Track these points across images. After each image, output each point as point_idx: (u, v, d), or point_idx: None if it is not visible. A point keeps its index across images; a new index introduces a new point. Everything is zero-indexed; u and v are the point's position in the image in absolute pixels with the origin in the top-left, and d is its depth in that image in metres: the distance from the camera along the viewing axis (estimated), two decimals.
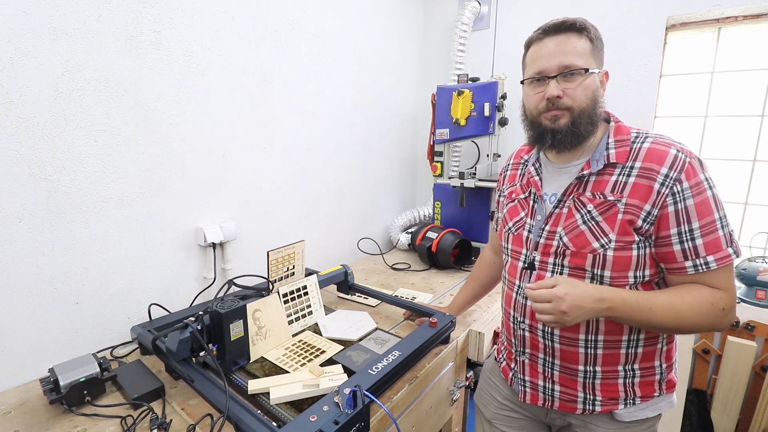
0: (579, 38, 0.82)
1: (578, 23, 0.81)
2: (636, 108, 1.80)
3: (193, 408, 0.89)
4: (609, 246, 0.79)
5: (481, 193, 1.92)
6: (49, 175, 0.99)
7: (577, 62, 0.80)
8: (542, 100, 0.83)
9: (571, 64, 0.80)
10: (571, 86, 0.81)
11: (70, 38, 0.98)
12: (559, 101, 0.81)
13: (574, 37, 0.82)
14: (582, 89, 0.81)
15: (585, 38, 0.82)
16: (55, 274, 1.03)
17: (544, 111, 0.84)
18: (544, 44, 0.84)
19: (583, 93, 0.81)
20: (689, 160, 0.76)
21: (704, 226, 0.75)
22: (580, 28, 0.82)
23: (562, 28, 0.82)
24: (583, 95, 0.81)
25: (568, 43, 0.81)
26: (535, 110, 0.86)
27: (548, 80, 0.82)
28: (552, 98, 0.81)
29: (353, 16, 1.86)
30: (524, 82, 0.89)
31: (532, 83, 0.86)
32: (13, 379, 0.98)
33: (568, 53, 0.81)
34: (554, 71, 0.81)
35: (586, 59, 0.81)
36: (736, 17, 1.64)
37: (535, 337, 0.91)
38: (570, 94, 0.81)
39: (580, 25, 0.82)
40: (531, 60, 0.87)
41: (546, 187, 0.92)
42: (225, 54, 1.33)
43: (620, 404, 0.86)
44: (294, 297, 1.23)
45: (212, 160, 1.35)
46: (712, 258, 0.75)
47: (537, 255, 0.90)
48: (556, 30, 0.82)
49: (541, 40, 0.84)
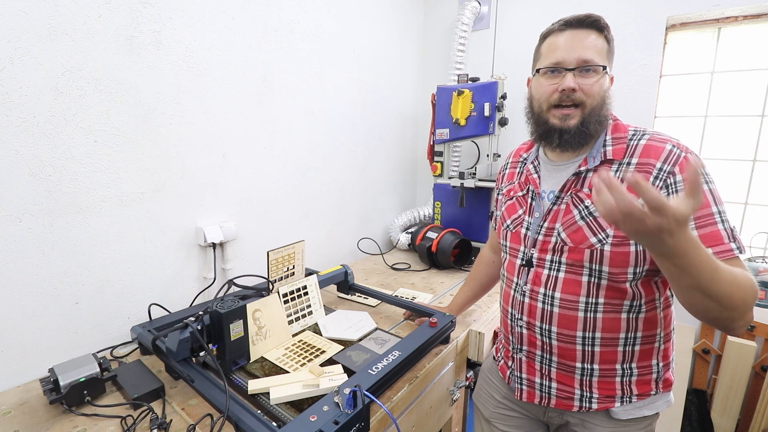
0: (599, 36, 0.82)
1: (602, 21, 0.82)
2: (636, 108, 1.80)
3: (193, 408, 0.89)
4: (606, 241, 0.79)
5: (481, 193, 1.92)
6: (49, 175, 0.99)
7: (596, 59, 0.80)
8: (555, 92, 0.83)
9: (591, 59, 0.80)
10: (587, 82, 0.81)
11: (70, 38, 0.98)
12: (574, 94, 0.81)
13: (595, 34, 0.82)
14: (597, 87, 0.81)
15: (604, 38, 0.82)
16: (55, 274, 1.03)
17: (555, 104, 0.83)
18: (563, 36, 0.83)
19: (597, 91, 0.81)
20: (684, 154, 0.76)
21: (700, 218, 0.73)
22: (603, 26, 0.82)
23: (586, 23, 0.82)
24: (597, 93, 0.81)
25: (589, 39, 0.81)
26: (545, 102, 0.85)
27: (565, 72, 0.81)
28: (567, 90, 0.81)
29: (353, 16, 1.86)
30: (539, 72, 0.87)
31: (546, 74, 0.85)
32: (13, 379, 0.98)
33: (588, 48, 0.80)
34: (573, 64, 0.81)
35: (603, 58, 0.81)
36: (736, 17, 1.64)
37: (532, 335, 0.91)
38: (585, 89, 0.81)
39: (604, 23, 0.82)
40: (548, 50, 0.85)
41: (544, 184, 0.93)
42: (225, 54, 1.33)
43: (617, 402, 0.86)
44: (294, 297, 1.23)
45: (212, 160, 1.35)
46: (710, 251, 0.68)
47: (535, 252, 0.90)
48: (579, 24, 0.82)
49: (562, 32, 0.83)
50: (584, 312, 0.84)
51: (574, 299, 0.84)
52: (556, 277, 0.86)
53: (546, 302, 0.87)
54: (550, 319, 0.87)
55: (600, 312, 0.83)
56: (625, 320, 0.83)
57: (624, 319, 0.83)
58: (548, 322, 0.87)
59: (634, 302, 0.82)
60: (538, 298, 0.89)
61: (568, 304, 0.85)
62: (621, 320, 0.83)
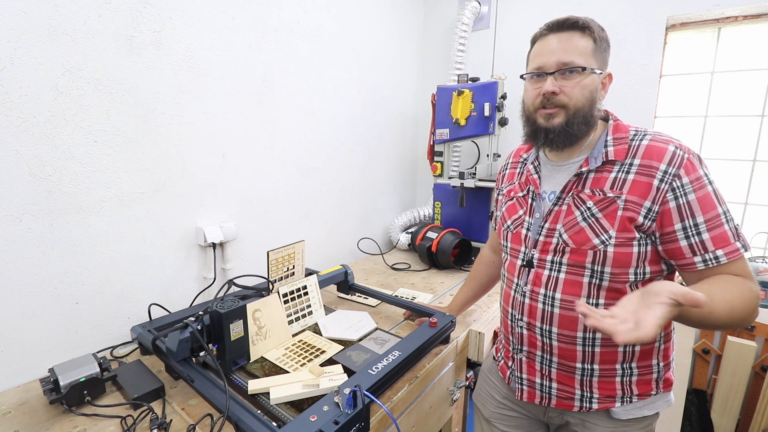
0: (582, 37, 0.82)
1: (581, 22, 0.82)
2: (636, 108, 1.80)
3: (193, 408, 0.89)
4: (609, 242, 0.79)
5: (481, 193, 1.92)
6: (49, 175, 0.99)
7: (576, 60, 0.80)
8: (538, 96, 0.84)
9: (570, 61, 0.80)
10: (568, 84, 0.81)
11: (70, 38, 0.98)
12: (555, 98, 0.82)
13: (577, 36, 0.82)
14: (579, 88, 0.81)
15: (588, 37, 0.82)
16: (55, 274, 1.03)
17: (540, 107, 0.84)
18: (546, 40, 0.84)
19: (580, 92, 0.81)
20: (687, 156, 0.76)
21: (709, 221, 0.75)
22: (584, 26, 0.82)
23: (566, 26, 0.82)
24: (579, 94, 0.81)
25: (570, 41, 0.81)
26: (531, 106, 0.87)
27: (546, 76, 0.82)
28: (547, 94, 0.82)
29: (353, 16, 1.86)
30: (524, 78, 0.89)
31: (531, 78, 0.87)
32: (13, 379, 0.98)
33: (569, 51, 0.81)
34: (552, 68, 0.82)
35: (587, 58, 0.81)
36: (736, 17, 1.64)
37: (533, 335, 0.91)
38: (566, 91, 0.81)
39: (583, 23, 0.82)
40: (533, 56, 0.87)
41: (544, 185, 0.93)
42: (225, 54, 1.33)
43: (617, 402, 0.87)
44: (294, 297, 1.23)
45: (212, 160, 1.35)
46: (721, 252, 0.74)
47: (535, 252, 0.90)
48: (559, 27, 0.83)
49: (545, 36, 0.85)
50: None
51: (574, 300, 0.84)
52: (557, 278, 0.86)
53: (547, 303, 0.87)
54: (551, 319, 0.87)
55: None
56: None
57: None
58: (549, 322, 0.87)
59: None
60: (538, 299, 0.89)
61: (568, 304, 0.85)
62: None
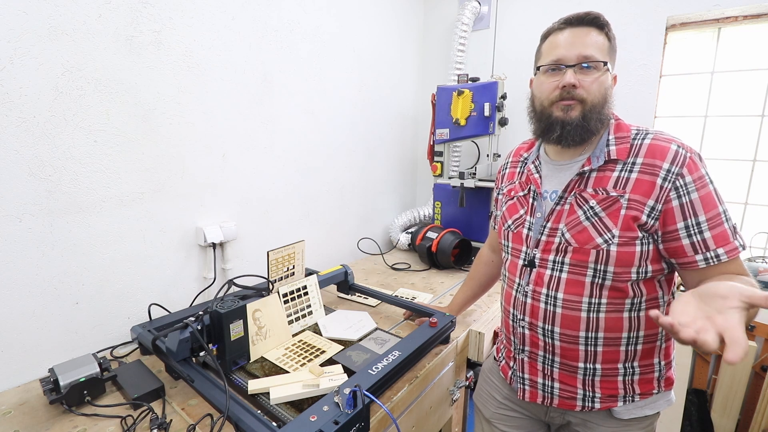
0: (599, 34, 0.82)
1: (602, 18, 0.82)
2: (636, 108, 1.80)
3: (193, 408, 0.89)
4: (613, 242, 0.79)
5: (481, 193, 1.92)
6: (49, 175, 0.99)
7: (597, 55, 0.80)
8: (556, 89, 0.83)
9: (591, 55, 0.80)
10: (588, 79, 0.81)
11: (70, 38, 0.98)
12: (574, 91, 0.81)
13: (595, 32, 0.82)
14: (597, 84, 0.81)
15: (605, 35, 0.83)
16: (55, 274, 1.03)
17: (558, 100, 0.83)
18: (563, 34, 0.84)
19: (597, 88, 0.81)
20: (690, 155, 0.77)
21: (711, 219, 0.75)
22: (603, 23, 0.82)
23: (586, 21, 0.82)
24: (597, 90, 0.81)
25: (590, 36, 0.81)
26: (546, 100, 0.85)
27: (565, 69, 0.82)
28: (567, 86, 0.81)
29: (353, 16, 1.86)
30: (539, 70, 0.88)
31: (547, 72, 0.85)
32: (13, 379, 0.98)
33: (589, 45, 0.81)
34: (573, 61, 0.81)
35: (604, 55, 0.82)
36: (736, 17, 1.64)
37: (534, 335, 0.91)
38: (585, 86, 0.81)
39: (603, 20, 0.82)
40: (548, 48, 0.86)
41: (546, 184, 0.92)
42: (225, 54, 1.33)
43: (619, 401, 0.87)
44: (294, 297, 1.23)
45: (212, 160, 1.35)
46: (722, 250, 0.75)
47: (537, 252, 0.90)
48: (579, 21, 0.83)
49: (562, 30, 0.84)
50: (587, 312, 0.83)
51: (577, 299, 0.84)
52: (559, 278, 0.86)
53: (548, 303, 0.87)
54: (553, 319, 0.87)
55: (603, 312, 0.83)
56: (627, 319, 0.83)
57: (626, 318, 0.83)
58: (551, 322, 0.87)
59: (635, 300, 0.82)
60: (540, 299, 0.88)
61: (570, 304, 0.85)
62: (623, 319, 0.83)
